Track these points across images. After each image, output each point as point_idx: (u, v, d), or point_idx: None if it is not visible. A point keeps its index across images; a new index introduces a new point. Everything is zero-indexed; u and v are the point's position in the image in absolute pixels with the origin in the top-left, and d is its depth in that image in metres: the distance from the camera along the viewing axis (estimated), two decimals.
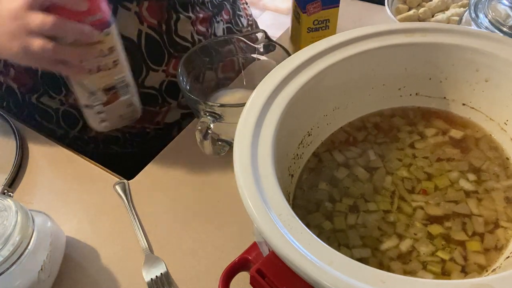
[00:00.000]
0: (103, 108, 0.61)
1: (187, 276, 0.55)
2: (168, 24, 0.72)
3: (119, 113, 0.63)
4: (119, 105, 0.62)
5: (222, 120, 0.59)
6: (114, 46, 0.57)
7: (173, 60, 0.75)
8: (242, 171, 0.39)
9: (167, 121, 0.80)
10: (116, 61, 0.58)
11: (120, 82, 0.60)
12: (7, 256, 0.47)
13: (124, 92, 0.61)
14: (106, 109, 0.61)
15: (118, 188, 0.64)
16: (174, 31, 0.73)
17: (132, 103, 0.63)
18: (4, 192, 0.65)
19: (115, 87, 0.60)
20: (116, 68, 0.58)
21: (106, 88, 0.59)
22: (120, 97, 0.61)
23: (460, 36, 0.49)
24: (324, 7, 0.71)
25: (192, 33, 0.75)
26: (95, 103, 0.60)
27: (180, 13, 0.73)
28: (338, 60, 0.49)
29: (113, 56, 0.57)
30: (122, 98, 0.61)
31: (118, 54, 0.58)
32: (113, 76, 0.59)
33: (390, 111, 0.55)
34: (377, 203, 0.46)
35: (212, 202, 0.62)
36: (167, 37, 0.73)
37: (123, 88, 0.61)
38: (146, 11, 0.69)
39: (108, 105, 0.61)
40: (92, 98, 0.60)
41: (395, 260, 0.42)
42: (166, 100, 0.78)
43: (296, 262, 0.33)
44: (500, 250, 0.42)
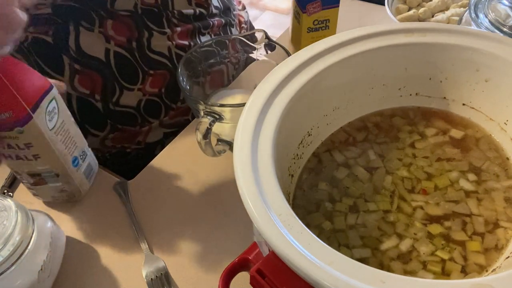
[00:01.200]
0: (31, 186, 0.59)
1: (187, 276, 0.55)
2: (139, 41, 0.69)
3: (50, 194, 0.61)
4: (48, 189, 0.59)
5: (222, 120, 0.59)
6: (32, 142, 0.52)
7: (150, 78, 0.71)
8: (242, 171, 0.39)
9: (148, 140, 0.77)
10: (36, 155, 0.53)
11: (46, 172, 0.56)
12: (7, 256, 0.47)
13: (51, 181, 0.58)
14: (35, 188, 0.59)
15: (118, 188, 0.64)
16: (147, 47, 0.69)
17: (66, 189, 0.60)
18: (4, 192, 0.65)
19: (41, 175, 0.57)
20: (37, 161, 0.54)
21: (30, 173, 0.57)
22: (47, 183, 0.58)
23: (460, 36, 0.49)
24: (324, 7, 0.71)
25: (170, 47, 0.71)
26: (23, 180, 0.58)
27: (152, 30, 0.69)
28: (338, 60, 0.49)
29: (32, 151, 0.53)
30: (51, 184, 0.58)
31: (39, 149, 0.53)
32: (36, 167, 0.55)
33: (390, 111, 0.55)
34: (377, 203, 0.46)
35: (212, 202, 0.62)
36: (139, 54, 0.69)
37: (51, 177, 0.57)
38: (112, 30, 0.66)
39: (35, 186, 0.59)
40: (19, 176, 0.58)
41: (395, 260, 0.42)
42: (147, 119, 0.75)
43: (296, 262, 0.33)
44: (500, 250, 0.42)
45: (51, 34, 0.65)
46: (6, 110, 0.48)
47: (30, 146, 0.52)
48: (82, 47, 0.65)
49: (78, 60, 0.66)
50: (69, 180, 0.59)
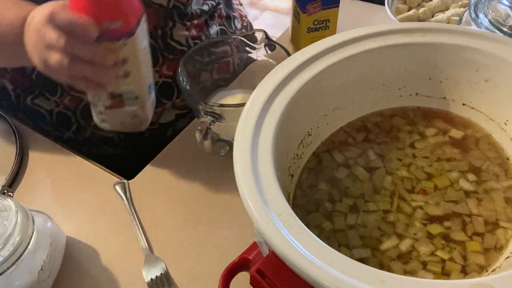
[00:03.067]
0: (104, 110, 0.59)
1: (187, 276, 0.55)
2: (164, 30, 0.73)
3: (121, 120, 0.60)
4: (122, 113, 0.59)
5: (222, 120, 0.59)
6: (129, 57, 0.54)
7: (167, 62, 0.75)
8: (242, 171, 0.39)
9: (161, 121, 0.80)
10: (127, 73, 0.55)
11: (128, 93, 0.57)
12: (7, 256, 0.47)
13: (130, 103, 0.58)
14: (108, 113, 0.59)
15: (118, 188, 0.64)
16: (169, 36, 0.74)
17: (138, 115, 0.60)
18: (4, 192, 0.65)
19: (122, 96, 0.57)
20: (126, 79, 0.55)
21: (111, 93, 0.57)
22: (124, 106, 0.58)
23: (460, 36, 0.49)
24: (324, 7, 0.71)
25: (187, 38, 0.76)
26: (97, 103, 0.58)
27: (176, 22, 0.74)
28: (338, 60, 0.49)
29: (125, 67, 0.54)
30: (127, 108, 0.58)
31: (132, 67, 0.55)
32: (121, 86, 0.56)
33: (390, 111, 0.55)
34: (377, 203, 0.46)
35: (212, 202, 0.62)
36: (162, 42, 0.74)
37: (130, 99, 0.58)
38: None
39: (110, 110, 0.58)
40: (96, 98, 0.58)
41: (395, 260, 0.42)
42: (161, 100, 0.78)
43: (296, 262, 0.33)
44: (500, 250, 0.42)
45: None
46: (117, 18, 0.50)
47: (126, 62, 0.53)
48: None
49: None
50: (144, 105, 0.59)
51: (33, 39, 0.54)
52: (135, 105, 0.59)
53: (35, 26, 0.53)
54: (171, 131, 0.82)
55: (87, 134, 0.78)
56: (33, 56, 0.55)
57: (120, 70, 0.54)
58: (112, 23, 0.50)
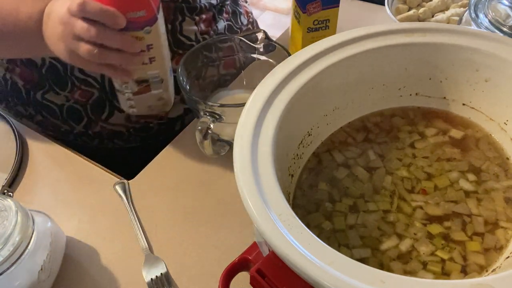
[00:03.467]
0: (132, 96, 0.61)
1: (187, 276, 0.55)
2: (173, 24, 0.74)
3: (148, 103, 0.63)
4: (149, 97, 0.62)
5: (222, 120, 0.59)
6: (153, 44, 0.56)
7: (177, 56, 0.76)
8: (242, 171, 0.39)
9: (170, 116, 0.81)
10: (152, 58, 0.57)
11: (154, 77, 0.60)
12: (7, 256, 0.47)
13: (156, 87, 0.61)
14: (135, 98, 0.62)
15: (118, 188, 0.64)
16: (179, 31, 0.74)
17: (163, 97, 0.63)
18: (4, 192, 0.65)
19: (148, 81, 0.60)
20: (151, 65, 0.58)
21: (138, 80, 0.59)
22: (151, 91, 0.61)
23: (460, 36, 0.49)
24: (324, 7, 0.71)
25: (196, 33, 0.77)
26: (125, 91, 0.61)
27: (185, 15, 0.75)
28: (338, 60, 0.49)
29: (150, 53, 0.57)
30: (153, 92, 0.61)
31: (156, 52, 0.57)
32: (147, 71, 0.59)
33: (390, 111, 0.55)
34: (377, 203, 0.46)
35: (212, 202, 0.62)
36: (172, 37, 0.74)
37: (156, 83, 0.60)
38: None
39: (138, 95, 0.61)
40: (124, 85, 0.60)
41: (395, 260, 0.42)
42: None
43: (296, 262, 0.33)
44: (500, 250, 0.42)
45: None
46: (141, 8, 0.53)
47: (151, 48, 0.56)
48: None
49: None
50: (168, 87, 0.63)
51: (58, 31, 0.54)
52: (161, 88, 0.61)
53: (60, 18, 0.53)
54: (179, 125, 0.83)
55: (97, 129, 0.79)
56: (58, 48, 0.56)
57: (145, 56, 0.57)
58: (137, 13, 0.53)
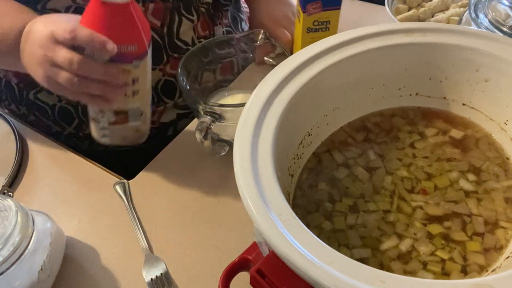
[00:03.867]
0: (107, 126, 0.60)
1: (187, 276, 0.55)
2: (170, 28, 0.73)
3: (123, 134, 0.61)
4: (125, 128, 0.60)
5: (222, 120, 0.59)
6: (139, 77, 0.55)
7: (172, 60, 0.75)
8: (242, 171, 0.39)
9: (162, 120, 0.81)
10: (136, 92, 0.56)
11: (134, 110, 0.58)
12: (7, 256, 0.47)
13: (134, 119, 0.59)
14: (111, 128, 0.60)
15: (118, 188, 0.64)
16: (175, 35, 0.74)
17: (140, 129, 0.62)
18: (4, 192, 0.65)
19: (127, 113, 0.58)
20: (133, 98, 0.57)
21: (117, 111, 0.58)
22: (128, 122, 0.59)
23: (460, 36, 0.49)
24: (324, 8, 0.71)
25: (193, 37, 0.76)
26: (101, 120, 0.59)
27: (183, 16, 0.74)
28: (338, 60, 0.49)
29: (135, 86, 0.55)
30: (131, 123, 0.60)
31: (140, 85, 0.56)
32: (128, 104, 0.57)
33: (390, 111, 0.55)
34: (377, 203, 0.46)
35: (212, 202, 0.62)
36: (168, 40, 0.74)
37: (135, 115, 0.59)
38: (151, 15, 0.70)
39: (114, 125, 0.59)
40: (100, 115, 0.58)
41: (395, 260, 0.42)
42: (162, 99, 0.78)
43: (296, 262, 0.33)
44: (500, 250, 0.42)
45: None
46: (133, 42, 0.52)
47: (136, 82, 0.55)
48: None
49: None
50: (146, 120, 0.61)
51: (37, 55, 0.52)
52: (139, 120, 0.60)
53: (41, 42, 0.51)
54: (172, 130, 0.82)
55: (87, 131, 0.78)
56: (35, 71, 0.54)
57: (129, 89, 0.55)
58: (128, 46, 0.52)
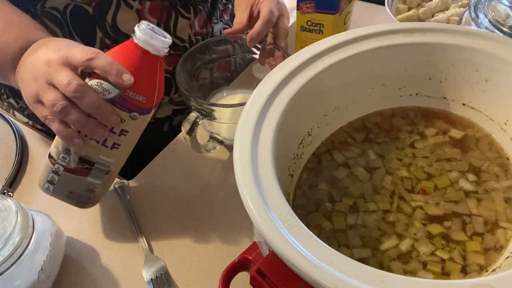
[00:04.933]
0: (61, 172, 0.52)
1: (187, 276, 0.55)
2: (167, 25, 0.73)
3: (72, 189, 0.54)
4: (79, 183, 0.53)
5: (211, 118, 0.60)
6: (129, 132, 0.52)
7: (168, 57, 0.75)
8: (242, 171, 0.39)
9: (158, 116, 0.81)
10: (117, 145, 0.52)
11: (103, 165, 0.52)
12: (7, 256, 0.47)
13: (96, 176, 0.53)
14: (63, 176, 0.52)
15: (118, 188, 0.64)
16: (172, 32, 0.74)
17: (95, 192, 0.55)
18: (4, 192, 0.65)
19: (93, 165, 0.52)
20: (111, 151, 0.52)
21: (82, 157, 0.52)
22: (87, 176, 0.53)
23: (460, 36, 0.49)
24: (317, 10, 0.70)
25: (190, 34, 0.76)
26: (58, 161, 0.52)
27: (179, 13, 0.73)
28: (338, 60, 0.49)
29: (119, 139, 0.51)
30: (89, 179, 0.53)
31: (125, 141, 0.52)
32: (101, 155, 0.52)
33: (390, 111, 0.55)
34: (377, 203, 0.46)
35: (212, 202, 0.62)
36: None
37: (100, 172, 0.53)
38: (148, 12, 0.70)
39: (69, 174, 0.52)
40: (62, 155, 0.52)
41: (395, 260, 0.42)
42: None
43: (296, 262, 0.33)
44: (500, 250, 0.42)
45: (93, 5, 0.67)
46: (143, 94, 0.50)
47: (123, 135, 0.51)
48: (118, 22, 0.68)
49: (110, 35, 0.69)
50: (107, 183, 0.55)
51: (37, 68, 0.50)
52: (100, 180, 0.54)
53: (48, 60, 0.49)
54: (168, 126, 0.82)
55: None
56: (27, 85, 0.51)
57: (111, 139, 0.51)
58: (137, 96, 0.50)
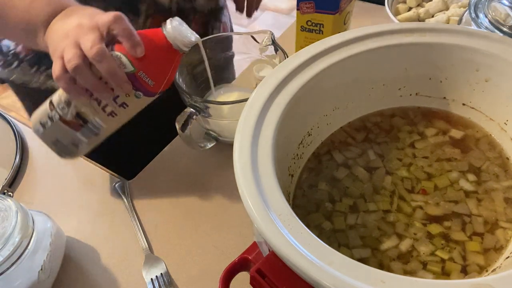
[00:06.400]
0: (56, 119, 0.55)
1: (187, 276, 0.55)
2: None
3: (59, 138, 0.57)
4: (67, 134, 0.56)
5: (209, 116, 0.60)
6: (128, 107, 0.54)
7: None
8: (242, 171, 0.39)
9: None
10: (113, 114, 0.54)
11: (94, 126, 0.55)
12: (7, 256, 0.47)
13: (85, 134, 0.56)
14: (56, 124, 0.55)
15: (118, 188, 0.64)
16: None
17: (78, 147, 0.58)
18: (4, 192, 0.65)
19: (86, 123, 0.55)
20: (107, 117, 0.54)
21: (80, 114, 0.54)
22: (78, 131, 0.56)
23: (460, 36, 0.49)
24: (317, 10, 0.69)
25: None
26: (57, 110, 0.55)
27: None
28: (338, 60, 0.49)
29: (117, 110, 0.54)
30: (78, 135, 0.56)
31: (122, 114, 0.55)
32: (96, 116, 0.54)
33: (390, 111, 0.55)
34: (377, 203, 0.46)
35: (212, 202, 0.62)
36: None
37: (90, 131, 0.56)
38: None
39: (62, 123, 0.55)
40: (62, 106, 0.55)
41: (395, 260, 0.42)
42: None
43: (296, 262, 0.33)
44: (500, 250, 0.42)
45: None
46: (153, 79, 0.53)
47: (122, 107, 0.54)
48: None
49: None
50: (91, 144, 0.58)
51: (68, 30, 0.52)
52: (86, 138, 0.57)
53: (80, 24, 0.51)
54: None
55: None
56: (56, 42, 0.53)
57: (110, 106, 0.53)
58: (147, 77, 0.52)
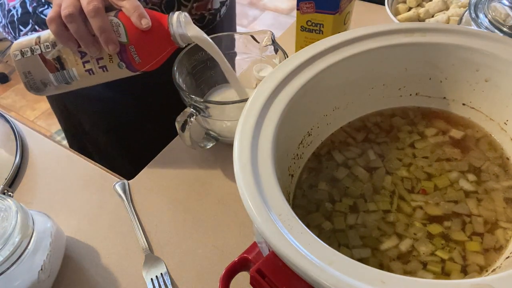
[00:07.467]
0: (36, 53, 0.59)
1: (187, 276, 0.55)
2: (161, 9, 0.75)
3: (32, 70, 0.60)
4: (40, 71, 0.59)
5: (208, 115, 0.60)
6: (108, 71, 0.58)
7: None
8: (242, 171, 0.39)
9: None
10: (92, 72, 0.58)
11: (69, 75, 0.59)
12: (7, 256, 0.47)
13: (57, 78, 0.60)
14: (35, 57, 0.59)
15: (118, 188, 0.64)
16: None
17: (46, 86, 0.61)
18: (4, 192, 0.65)
19: (63, 68, 0.59)
20: (84, 72, 0.58)
21: (61, 58, 0.58)
22: (51, 73, 0.59)
23: (460, 36, 0.49)
24: (317, 10, 0.69)
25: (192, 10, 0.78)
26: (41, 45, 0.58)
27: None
28: (338, 60, 0.49)
29: (97, 70, 0.58)
30: (51, 76, 0.60)
31: (98, 74, 0.58)
32: (73, 67, 0.58)
33: (390, 111, 0.55)
34: (377, 203, 0.46)
35: (212, 202, 0.62)
36: None
37: (63, 78, 0.59)
38: None
39: (41, 60, 0.59)
40: (46, 44, 0.58)
41: (395, 260, 0.42)
42: None
43: (296, 262, 0.33)
44: (500, 251, 0.42)
45: None
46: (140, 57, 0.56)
47: (102, 70, 0.58)
48: None
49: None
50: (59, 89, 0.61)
51: None
52: (58, 83, 0.60)
53: None
54: None
55: None
56: None
57: (93, 63, 0.57)
58: (136, 53, 0.55)
